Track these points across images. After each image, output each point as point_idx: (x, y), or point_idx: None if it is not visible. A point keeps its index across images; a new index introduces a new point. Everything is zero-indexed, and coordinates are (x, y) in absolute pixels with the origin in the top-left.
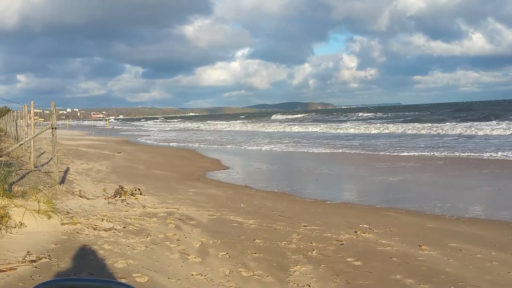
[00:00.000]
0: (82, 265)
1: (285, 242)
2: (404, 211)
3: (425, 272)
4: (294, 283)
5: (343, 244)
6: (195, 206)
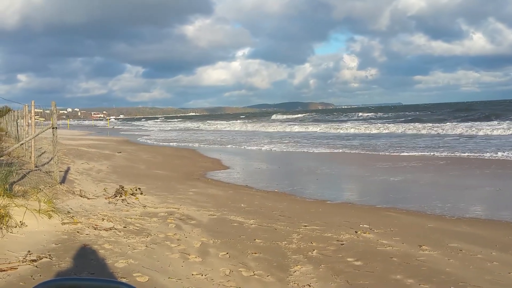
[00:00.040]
0: (83, 265)
1: (286, 242)
2: (405, 211)
3: (426, 272)
4: (294, 283)
5: (344, 244)
6: (196, 206)
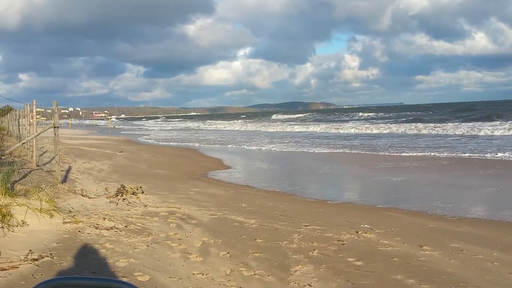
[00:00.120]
0: (84, 264)
1: (286, 242)
2: (406, 211)
3: (426, 273)
4: (295, 283)
5: (344, 244)
6: (197, 206)
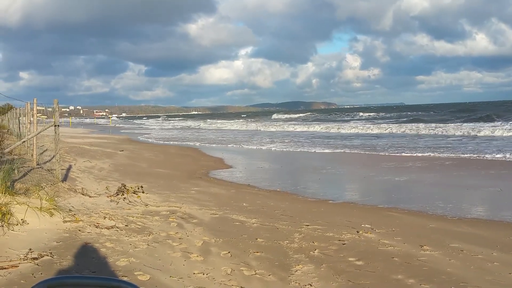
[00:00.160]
0: (84, 263)
1: (287, 242)
2: (406, 211)
3: (427, 272)
4: (296, 282)
5: (345, 244)
6: (198, 205)
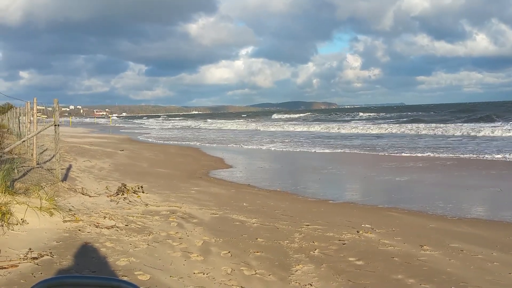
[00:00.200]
0: (84, 263)
1: (287, 241)
2: (406, 211)
3: (427, 272)
4: (296, 282)
5: (345, 244)
6: (198, 205)
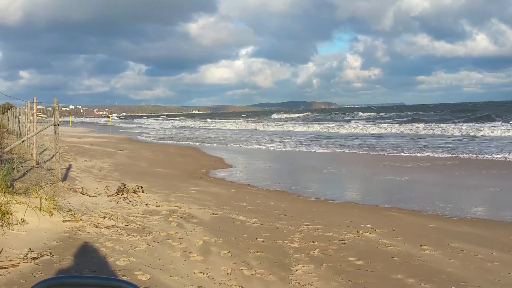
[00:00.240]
0: (84, 263)
1: (287, 241)
2: (406, 211)
3: (426, 272)
4: (296, 282)
5: (345, 244)
6: (198, 204)
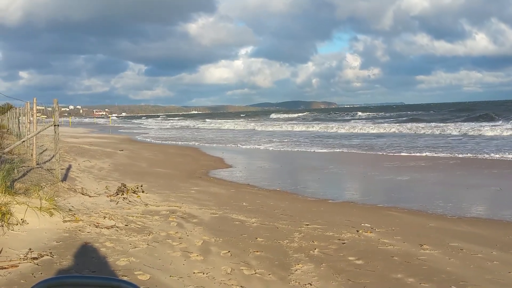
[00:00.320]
0: (84, 263)
1: (287, 241)
2: (406, 211)
3: (426, 271)
4: (296, 282)
5: (345, 243)
6: (198, 204)
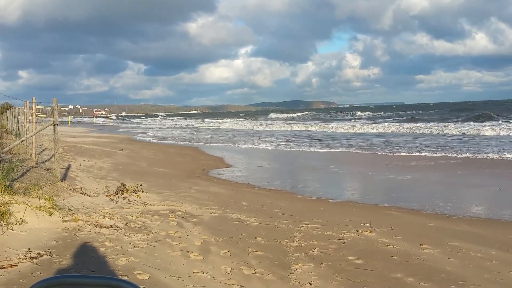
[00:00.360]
0: (83, 262)
1: (287, 240)
2: (406, 210)
3: (426, 271)
4: (296, 281)
5: (345, 243)
6: (197, 204)
